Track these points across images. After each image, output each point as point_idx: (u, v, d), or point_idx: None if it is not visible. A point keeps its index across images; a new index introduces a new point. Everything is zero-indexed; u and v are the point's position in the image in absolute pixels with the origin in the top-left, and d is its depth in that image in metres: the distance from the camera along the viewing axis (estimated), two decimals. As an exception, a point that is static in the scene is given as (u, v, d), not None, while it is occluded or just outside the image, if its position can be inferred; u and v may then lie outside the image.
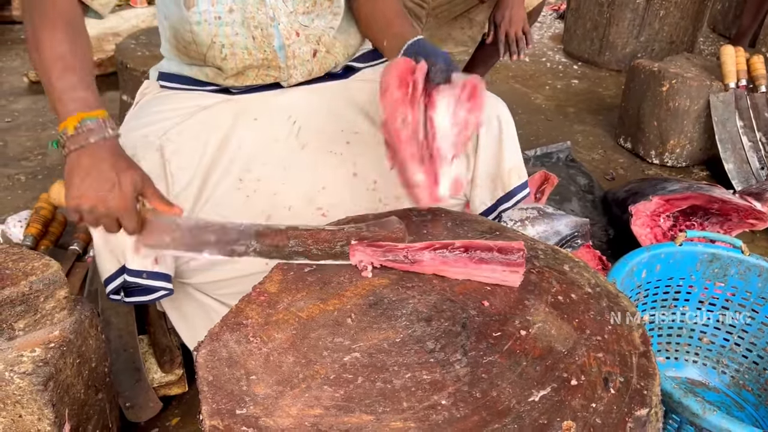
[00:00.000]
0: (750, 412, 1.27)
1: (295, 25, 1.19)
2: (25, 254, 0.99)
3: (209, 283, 1.18)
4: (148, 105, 1.23)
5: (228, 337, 0.80)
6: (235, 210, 1.15)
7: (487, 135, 1.21)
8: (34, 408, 0.88)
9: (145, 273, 1.05)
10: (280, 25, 1.18)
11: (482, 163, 1.23)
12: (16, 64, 3.27)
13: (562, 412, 0.70)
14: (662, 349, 1.35)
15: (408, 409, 0.70)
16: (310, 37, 1.22)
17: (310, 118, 1.24)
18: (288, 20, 1.18)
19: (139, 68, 2.34)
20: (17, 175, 2.20)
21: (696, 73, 2.34)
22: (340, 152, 1.23)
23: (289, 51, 1.21)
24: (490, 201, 1.27)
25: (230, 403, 0.70)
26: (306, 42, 1.22)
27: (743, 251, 1.26)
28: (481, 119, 1.01)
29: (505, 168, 1.24)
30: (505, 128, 1.23)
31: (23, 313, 0.94)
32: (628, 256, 1.21)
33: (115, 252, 1.06)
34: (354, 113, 1.28)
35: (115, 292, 1.10)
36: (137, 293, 1.11)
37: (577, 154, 2.40)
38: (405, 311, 0.85)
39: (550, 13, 4.48)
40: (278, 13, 1.17)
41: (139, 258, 1.05)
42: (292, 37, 1.20)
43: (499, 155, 1.23)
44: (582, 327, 0.83)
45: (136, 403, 1.23)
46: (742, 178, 2.13)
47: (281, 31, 1.18)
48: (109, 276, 1.09)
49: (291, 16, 1.19)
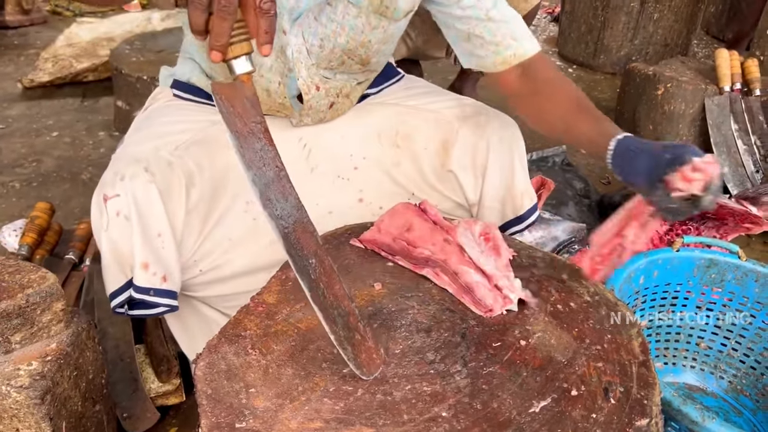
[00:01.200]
0: (748, 417, 1.27)
1: (316, 79, 1.13)
2: (21, 266, 0.98)
3: (216, 297, 1.16)
4: (159, 113, 1.20)
5: (226, 349, 0.79)
6: (244, 233, 1.13)
7: (497, 157, 1.20)
8: (31, 422, 0.88)
9: (152, 290, 1.03)
10: (300, 79, 1.12)
11: (491, 185, 1.22)
12: (10, 70, 3.25)
13: (562, 423, 0.70)
14: (660, 354, 1.36)
15: (409, 421, 0.70)
16: (330, 90, 1.17)
17: (320, 141, 1.22)
18: (307, 74, 1.12)
19: (133, 74, 2.33)
20: (11, 182, 2.18)
21: (691, 77, 2.35)
22: (347, 177, 1.22)
23: (306, 104, 1.16)
24: (497, 223, 1.25)
25: (230, 417, 0.69)
26: (326, 96, 1.17)
27: (740, 257, 1.26)
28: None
29: (517, 191, 1.22)
30: (516, 150, 1.22)
31: (20, 326, 0.93)
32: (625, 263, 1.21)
33: (123, 267, 1.04)
34: (364, 137, 1.25)
35: (119, 306, 1.08)
36: (141, 306, 1.08)
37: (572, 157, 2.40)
38: (404, 322, 0.85)
39: (544, 16, 4.49)
40: (299, 66, 1.11)
41: (147, 275, 1.02)
42: (312, 92, 1.14)
43: (510, 178, 1.22)
44: (581, 336, 0.83)
45: (134, 414, 1.22)
46: (738, 182, 2.14)
47: (301, 86, 1.13)
48: (115, 290, 1.06)
49: (312, 68, 1.12)
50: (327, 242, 1.04)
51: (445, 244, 0.97)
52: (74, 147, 2.46)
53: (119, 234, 1.01)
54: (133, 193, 1.00)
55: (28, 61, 3.35)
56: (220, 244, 1.12)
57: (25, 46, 3.63)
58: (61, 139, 2.51)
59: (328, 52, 1.11)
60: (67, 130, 2.58)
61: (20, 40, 3.76)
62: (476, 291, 0.89)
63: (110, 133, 2.54)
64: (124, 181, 1.01)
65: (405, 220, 1.02)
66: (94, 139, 2.52)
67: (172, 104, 1.24)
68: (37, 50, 3.43)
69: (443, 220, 1.03)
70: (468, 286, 0.90)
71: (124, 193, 1.00)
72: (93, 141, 2.50)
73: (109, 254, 1.03)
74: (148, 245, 1.02)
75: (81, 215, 1.95)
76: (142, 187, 1.01)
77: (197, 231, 1.10)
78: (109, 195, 1.00)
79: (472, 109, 1.24)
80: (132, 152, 1.08)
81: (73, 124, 2.64)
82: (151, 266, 1.02)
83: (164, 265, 1.04)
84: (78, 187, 2.16)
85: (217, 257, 1.12)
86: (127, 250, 1.02)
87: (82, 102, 2.86)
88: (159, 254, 1.03)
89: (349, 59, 1.13)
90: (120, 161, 1.06)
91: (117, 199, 1.00)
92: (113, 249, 1.02)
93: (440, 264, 0.94)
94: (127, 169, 1.02)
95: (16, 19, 3.92)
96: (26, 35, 3.84)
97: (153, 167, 1.04)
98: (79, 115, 2.73)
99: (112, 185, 1.01)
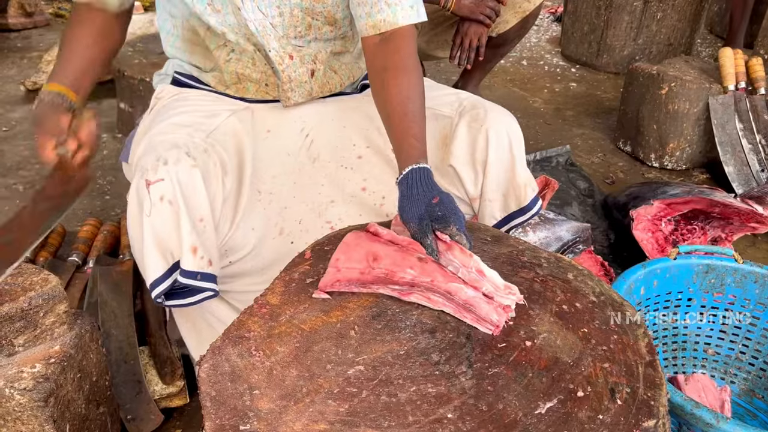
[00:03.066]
0: (763, 419, 1.26)
1: (288, 48, 1.16)
2: (23, 269, 0.98)
3: (240, 293, 1.15)
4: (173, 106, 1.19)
5: (230, 351, 0.79)
6: (259, 222, 1.14)
7: (496, 150, 1.20)
8: (35, 424, 0.87)
9: (200, 274, 1.01)
10: (271, 51, 1.15)
11: (493, 178, 1.21)
12: (13, 73, 3.25)
13: (569, 424, 0.69)
14: (669, 364, 1.35)
15: (414, 423, 0.69)
16: (305, 57, 1.19)
17: (322, 131, 1.23)
18: (279, 45, 1.15)
19: (136, 76, 2.33)
20: (15, 184, 2.19)
21: (695, 76, 2.34)
22: (350, 167, 1.23)
23: (284, 75, 1.18)
24: (500, 215, 1.25)
25: (234, 419, 0.69)
26: (301, 64, 1.19)
27: (736, 260, 1.26)
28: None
29: (519, 183, 1.22)
30: (515, 143, 1.21)
31: (23, 329, 0.93)
32: (624, 274, 1.21)
33: (165, 254, 1.01)
34: (366, 127, 1.26)
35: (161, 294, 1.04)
36: (179, 296, 1.06)
37: (576, 157, 2.40)
38: (409, 323, 0.84)
39: (547, 16, 4.48)
40: (268, 39, 1.14)
41: (196, 259, 1.00)
42: (285, 62, 1.17)
43: (511, 170, 1.21)
44: (587, 337, 0.82)
45: (138, 416, 1.22)
46: (743, 181, 2.13)
47: (273, 57, 1.16)
48: (157, 278, 1.01)
49: (282, 40, 1.15)
50: (330, 243, 1.03)
51: (422, 264, 0.90)
52: (77, 149, 2.46)
53: (163, 219, 0.98)
54: (178, 177, 0.98)
55: (31, 63, 3.35)
56: (246, 234, 1.12)
57: (27, 49, 3.63)
58: (64, 142, 2.52)
59: (289, 17, 1.11)
60: (70, 133, 2.59)
61: (23, 42, 3.76)
62: (478, 308, 0.84)
63: (113, 135, 2.54)
64: (168, 165, 0.99)
65: (365, 250, 0.93)
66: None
67: (180, 97, 1.23)
68: (40, 53, 3.43)
69: (399, 238, 0.95)
70: (467, 303, 0.85)
71: (168, 178, 0.98)
72: (96, 143, 2.51)
73: (151, 241, 0.99)
74: (195, 229, 1.00)
75: (84, 217, 1.95)
76: (187, 171, 0.99)
77: (230, 219, 1.10)
78: (152, 180, 0.98)
79: (470, 104, 1.24)
80: (169, 139, 1.05)
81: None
82: (199, 250, 1.00)
83: (208, 250, 1.03)
84: (81, 189, 2.16)
85: (244, 247, 1.12)
86: (172, 235, 0.99)
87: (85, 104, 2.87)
88: (203, 239, 1.02)
89: (314, 20, 1.13)
90: (157, 147, 1.03)
91: (161, 183, 0.98)
92: (156, 235, 0.99)
93: (427, 285, 0.88)
94: (170, 153, 1.00)
95: (19, 22, 3.92)
96: (29, 38, 3.85)
97: (193, 152, 1.03)
98: (82, 117, 2.74)
99: (155, 170, 0.98)
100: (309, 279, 0.93)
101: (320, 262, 0.97)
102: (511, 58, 3.60)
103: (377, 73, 1.12)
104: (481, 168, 1.21)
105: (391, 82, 1.08)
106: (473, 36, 1.99)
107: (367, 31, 1.13)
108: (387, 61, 1.11)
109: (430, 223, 0.93)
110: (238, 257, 1.13)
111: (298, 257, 0.99)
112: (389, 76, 1.09)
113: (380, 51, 1.12)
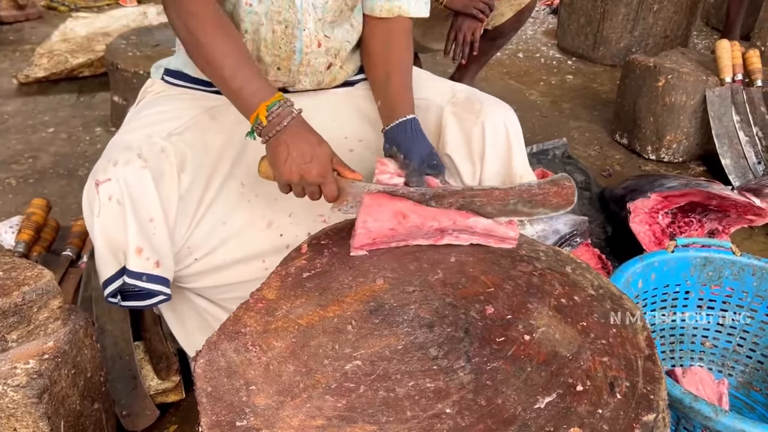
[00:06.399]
0: (761, 412, 1.26)
1: (320, 35, 1.17)
2: (17, 264, 0.97)
3: (211, 288, 1.16)
4: (152, 104, 1.21)
5: (226, 346, 0.78)
6: (238, 216, 1.13)
7: (494, 141, 1.19)
8: (29, 421, 0.86)
9: (145, 276, 1.03)
10: (305, 30, 1.15)
11: (490, 169, 1.21)
12: (5, 66, 3.22)
13: (568, 418, 0.69)
14: (666, 357, 1.35)
15: (412, 418, 0.68)
16: (330, 50, 1.21)
17: (313, 123, 1.22)
18: (314, 27, 1.16)
19: (129, 69, 2.31)
20: (8, 179, 2.17)
21: (691, 68, 2.33)
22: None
23: (305, 59, 1.19)
24: None
25: (230, 415, 0.68)
26: (325, 54, 1.20)
27: (734, 252, 1.26)
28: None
29: (516, 174, 1.22)
30: (513, 134, 1.21)
31: (16, 324, 0.92)
32: (622, 267, 1.21)
33: (116, 253, 1.04)
34: (358, 120, 1.26)
35: (112, 295, 1.08)
36: (134, 298, 1.08)
37: (573, 150, 2.39)
38: (406, 317, 0.84)
39: (543, 8, 4.46)
40: (306, 18, 1.15)
41: (140, 260, 1.02)
42: (313, 47, 1.18)
43: (508, 162, 1.21)
44: (586, 330, 0.82)
45: (133, 412, 1.21)
46: (739, 173, 2.13)
47: (304, 38, 1.16)
48: (108, 278, 1.06)
49: (318, 23, 1.16)
50: (327, 237, 1.02)
51: (440, 212, 1.00)
52: (71, 143, 2.44)
53: (112, 219, 1.00)
54: (125, 178, 1.00)
55: (24, 56, 3.32)
56: (214, 229, 1.12)
57: (20, 42, 3.60)
58: (57, 135, 2.49)
59: (332, 2, 1.15)
60: (63, 126, 2.56)
61: (15, 35, 3.73)
62: (496, 231, 0.99)
63: (107, 128, 2.52)
64: (117, 166, 1.01)
65: (391, 210, 0.99)
66: (90, 135, 2.50)
67: (163, 94, 1.24)
68: (33, 45, 3.40)
69: (408, 190, 1.02)
70: (487, 230, 0.99)
71: (116, 178, 1.00)
72: (89, 137, 2.48)
73: (101, 241, 1.02)
74: (141, 230, 1.02)
75: (78, 212, 1.93)
76: (135, 172, 1.01)
77: (190, 216, 1.09)
78: (100, 180, 1.00)
79: (465, 95, 1.24)
80: (124, 140, 1.07)
81: (69, 119, 2.62)
82: (145, 251, 1.02)
83: (157, 251, 1.03)
84: (75, 183, 2.14)
85: (211, 243, 1.11)
86: (119, 235, 1.01)
87: (78, 98, 2.84)
88: (151, 240, 1.03)
89: (344, 4, 1.18)
90: (112, 149, 1.06)
91: (108, 183, 1.00)
92: (105, 235, 1.01)
93: (452, 227, 0.99)
94: (120, 155, 1.02)
95: (11, 15, 3.88)
96: (21, 30, 3.81)
97: (146, 153, 1.04)
98: (75, 110, 2.71)
99: (104, 171, 1.01)
100: (305, 273, 0.93)
101: (317, 256, 0.97)
102: (507, 51, 3.59)
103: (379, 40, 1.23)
104: (478, 160, 1.20)
105: (394, 46, 1.21)
106: (467, 31, 1.99)
107: (380, 12, 1.21)
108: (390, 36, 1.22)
109: (425, 167, 1.06)
110: (204, 253, 1.12)
111: (294, 251, 0.99)
112: (393, 45, 1.22)
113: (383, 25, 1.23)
